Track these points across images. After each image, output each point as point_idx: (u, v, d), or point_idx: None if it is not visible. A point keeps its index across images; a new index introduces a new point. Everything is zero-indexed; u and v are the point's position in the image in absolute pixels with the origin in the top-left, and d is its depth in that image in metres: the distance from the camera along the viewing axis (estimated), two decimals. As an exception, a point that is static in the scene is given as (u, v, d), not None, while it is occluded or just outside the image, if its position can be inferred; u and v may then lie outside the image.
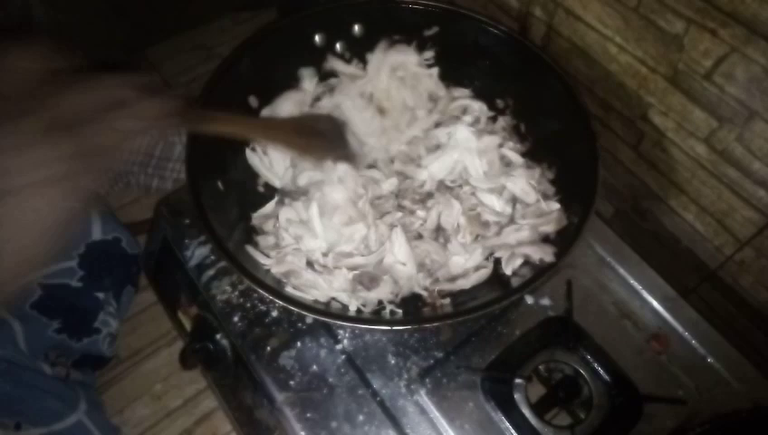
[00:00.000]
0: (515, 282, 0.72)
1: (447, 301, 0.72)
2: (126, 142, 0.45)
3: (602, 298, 0.81)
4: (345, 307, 0.69)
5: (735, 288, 0.84)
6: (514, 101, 0.89)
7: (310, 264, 0.72)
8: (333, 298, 0.70)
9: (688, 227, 0.86)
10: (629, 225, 0.96)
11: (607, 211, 0.99)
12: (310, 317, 0.77)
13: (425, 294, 0.74)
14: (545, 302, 0.80)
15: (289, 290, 0.68)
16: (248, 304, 0.79)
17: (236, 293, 0.80)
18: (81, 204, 0.42)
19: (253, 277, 0.63)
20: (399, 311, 0.71)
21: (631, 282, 0.82)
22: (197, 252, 0.83)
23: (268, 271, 0.71)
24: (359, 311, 0.69)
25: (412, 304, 0.73)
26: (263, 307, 0.78)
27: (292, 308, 0.62)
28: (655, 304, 0.81)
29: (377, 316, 0.70)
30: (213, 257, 0.83)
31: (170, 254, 0.87)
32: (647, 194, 0.90)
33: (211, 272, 0.82)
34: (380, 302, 0.71)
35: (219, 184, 0.73)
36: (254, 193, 0.81)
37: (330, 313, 0.67)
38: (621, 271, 0.83)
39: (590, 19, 0.84)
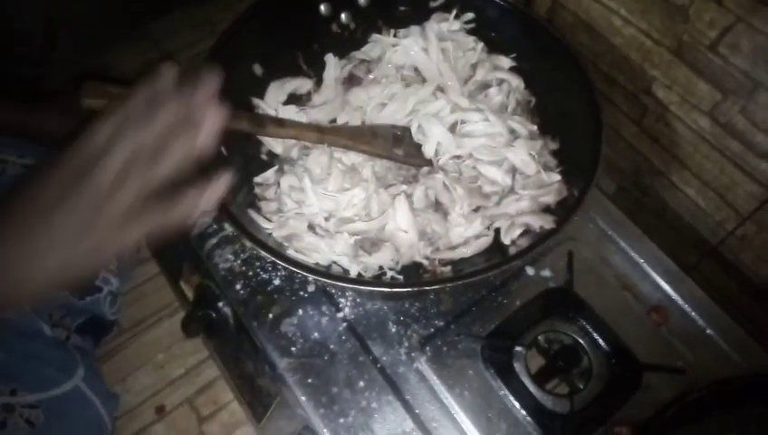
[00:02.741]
0: (515, 251, 0.72)
1: (448, 268, 0.72)
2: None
3: (603, 271, 0.81)
4: (346, 272, 0.69)
5: (736, 264, 0.84)
6: (518, 74, 0.88)
7: (311, 228, 0.72)
8: (334, 262, 0.70)
9: (690, 203, 0.86)
10: (631, 201, 0.96)
11: (609, 188, 0.99)
12: (312, 285, 0.78)
13: (425, 262, 0.74)
14: (546, 273, 0.80)
15: (290, 253, 0.69)
16: (250, 273, 0.79)
17: (239, 261, 0.80)
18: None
19: (254, 238, 0.63)
20: (400, 277, 0.71)
21: (632, 255, 0.83)
22: (200, 220, 0.83)
23: (270, 235, 0.71)
24: (359, 276, 0.70)
25: (413, 272, 0.73)
26: (265, 275, 0.79)
27: (293, 269, 0.62)
28: (655, 277, 0.81)
29: (377, 280, 0.70)
30: (215, 226, 0.83)
31: (172, 223, 0.87)
32: (649, 169, 0.90)
33: (213, 240, 0.82)
34: (381, 268, 0.72)
35: (222, 149, 0.74)
36: (257, 160, 0.81)
37: (330, 274, 0.67)
38: (623, 244, 0.83)
39: (596, -9, 0.83)
